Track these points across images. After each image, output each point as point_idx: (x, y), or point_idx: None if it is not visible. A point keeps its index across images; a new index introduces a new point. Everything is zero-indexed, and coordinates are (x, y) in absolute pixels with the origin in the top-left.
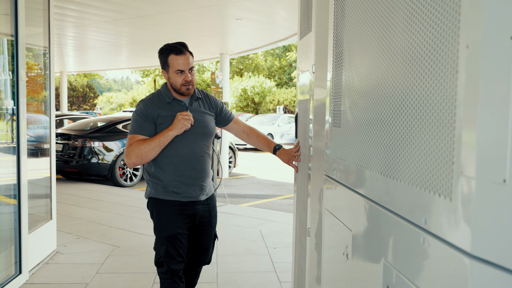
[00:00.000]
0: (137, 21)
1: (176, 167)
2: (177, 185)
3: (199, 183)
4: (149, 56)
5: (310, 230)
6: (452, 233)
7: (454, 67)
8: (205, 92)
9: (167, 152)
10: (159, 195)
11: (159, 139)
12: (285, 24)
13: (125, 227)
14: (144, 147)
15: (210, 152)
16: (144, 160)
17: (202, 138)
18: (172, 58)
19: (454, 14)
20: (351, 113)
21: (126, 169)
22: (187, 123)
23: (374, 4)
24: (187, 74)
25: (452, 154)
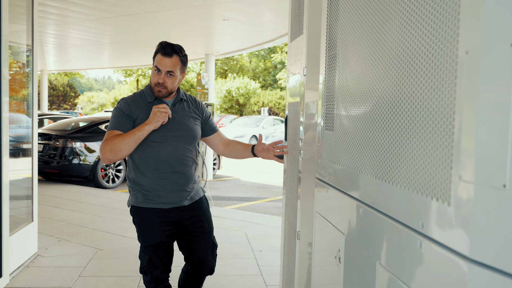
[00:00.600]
0: (123, 20)
1: (156, 170)
2: (157, 189)
3: (180, 187)
4: (133, 56)
5: (300, 233)
6: (451, 237)
7: (453, 72)
8: (193, 97)
9: (147, 154)
10: (139, 203)
11: (134, 133)
12: (272, 26)
13: (108, 230)
14: (118, 141)
15: (194, 156)
16: (119, 155)
17: (185, 141)
18: (158, 56)
19: (453, 20)
20: (344, 116)
21: (109, 170)
22: (163, 115)
23: (369, 8)
24: (163, 76)
25: (451, 159)
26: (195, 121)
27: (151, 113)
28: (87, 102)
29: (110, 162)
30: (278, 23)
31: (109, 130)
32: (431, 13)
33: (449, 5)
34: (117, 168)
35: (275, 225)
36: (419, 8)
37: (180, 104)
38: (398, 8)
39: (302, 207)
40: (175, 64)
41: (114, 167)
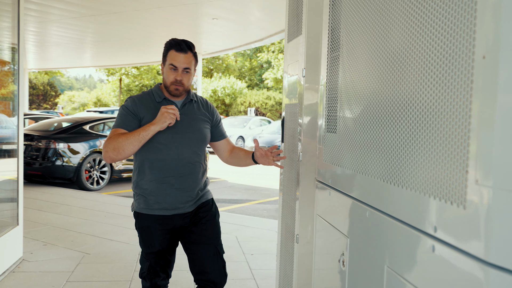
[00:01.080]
0: (108, 18)
1: (159, 172)
2: (159, 193)
3: (185, 193)
4: (116, 55)
5: (298, 236)
6: (466, 241)
7: (469, 76)
8: (204, 98)
9: (151, 156)
10: (141, 209)
11: (139, 133)
12: (261, 24)
13: (95, 233)
14: (122, 140)
15: (202, 161)
16: (121, 155)
17: (193, 144)
18: (171, 53)
19: (469, 24)
20: (349, 118)
21: (93, 172)
22: (171, 116)
23: (376, 10)
24: (180, 73)
25: (466, 163)
26: (204, 124)
27: (158, 113)
28: (67, 102)
29: (112, 161)
30: (267, 22)
31: (114, 128)
32: (445, 17)
33: (464, 9)
34: (101, 169)
35: (266, 228)
36: (431, 11)
37: (190, 105)
38: (408, 10)
39: (301, 209)
40: (191, 60)
41: (99, 169)
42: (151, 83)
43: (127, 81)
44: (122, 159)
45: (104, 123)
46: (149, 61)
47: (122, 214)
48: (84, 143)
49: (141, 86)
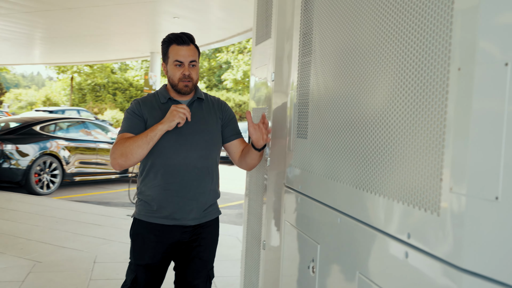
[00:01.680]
0: (63, 14)
1: (162, 177)
2: (161, 200)
3: (189, 202)
4: (68, 51)
5: (265, 243)
6: (440, 247)
7: (444, 87)
8: (214, 97)
9: (155, 159)
10: (141, 216)
11: (146, 134)
12: (223, 25)
13: (46, 240)
14: (129, 144)
15: (212, 167)
16: (130, 160)
17: (200, 147)
18: (173, 48)
19: (444, 36)
20: (320, 124)
21: (43, 175)
22: (180, 115)
23: (352, 19)
24: (187, 67)
25: (441, 171)
26: (214, 125)
27: (168, 112)
28: (14, 100)
29: (121, 168)
30: (230, 22)
31: (120, 133)
32: (421, 28)
33: (440, 22)
34: (52, 172)
35: (226, 234)
36: (407, 21)
37: (198, 104)
38: (383, 19)
39: (269, 215)
40: (195, 53)
41: (50, 172)
42: (104, 82)
43: (78, 79)
44: (132, 164)
45: (56, 124)
46: (103, 59)
47: (75, 219)
48: (34, 144)
49: (94, 84)
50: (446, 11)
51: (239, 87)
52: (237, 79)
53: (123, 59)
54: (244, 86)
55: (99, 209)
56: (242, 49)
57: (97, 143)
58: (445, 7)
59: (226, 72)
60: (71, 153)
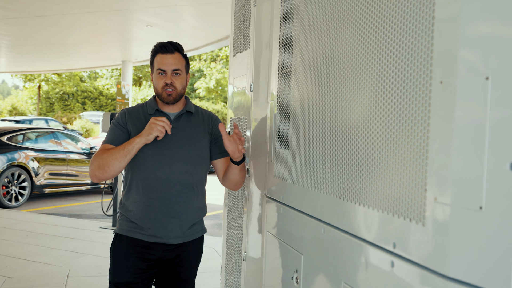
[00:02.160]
0: (32, 21)
1: (144, 193)
2: (143, 216)
3: (171, 219)
4: (36, 60)
5: (246, 254)
6: (426, 256)
7: (427, 100)
8: (205, 110)
9: (137, 173)
10: (122, 231)
11: (124, 147)
12: (196, 33)
13: (17, 255)
14: (107, 156)
15: (197, 183)
16: (107, 173)
17: (185, 162)
18: (158, 57)
19: (426, 50)
20: (302, 135)
21: (11, 187)
22: (159, 128)
23: (332, 30)
24: (169, 76)
25: (425, 181)
26: (202, 139)
27: (146, 125)
28: None
29: (99, 180)
30: (203, 30)
31: (103, 143)
32: (401, 38)
33: (421, 35)
34: (20, 184)
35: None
36: (387, 34)
37: (187, 118)
38: (364, 32)
39: (250, 226)
40: (180, 61)
41: (18, 184)
42: (73, 90)
43: (46, 88)
44: (109, 177)
45: (24, 134)
46: (73, 67)
47: (46, 233)
48: (1, 156)
49: (62, 93)
50: (427, 19)
51: (212, 95)
52: (210, 88)
53: (93, 68)
54: (217, 94)
55: (71, 222)
56: (215, 57)
57: (67, 154)
58: (427, 15)
59: (198, 80)
60: (41, 164)
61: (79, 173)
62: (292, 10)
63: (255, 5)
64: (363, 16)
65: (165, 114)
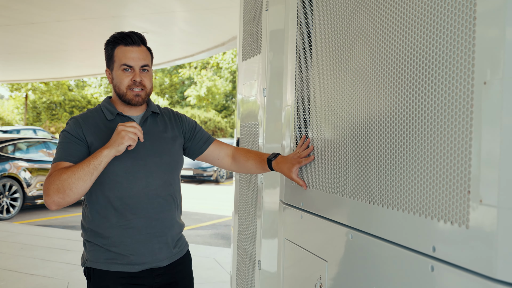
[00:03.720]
0: (24, 29)
1: (121, 214)
2: (124, 242)
3: (157, 239)
4: (24, 69)
5: (260, 262)
6: (470, 259)
7: (468, 101)
8: (169, 109)
9: (108, 192)
10: (99, 265)
11: (89, 163)
12: (191, 39)
13: (12, 268)
14: (67, 176)
15: (176, 193)
16: (69, 197)
17: (162, 171)
18: (120, 50)
19: (467, 51)
20: (324, 140)
21: (2, 199)
22: (130, 135)
23: (358, 31)
24: (137, 72)
25: (468, 183)
26: (174, 142)
27: (114, 132)
28: None
29: (58, 207)
30: (199, 37)
31: (54, 162)
32: (437, 33)
33: (462, 37)
34: (12, 196)
35: (202, 255)
36: (419, 32)
37: (153, 120)
38: (393, 32)
39: (263, 234)
40: (147, 56)
41: (9, 195)
42: (60, 99)
43: (33, 97)
44: (71, 201)
45: (15, 145)
46: (62, 76)
47: (40, 245)
48: None
49: (49, 103)
50: (468, 13)
51: (203, 103)
52: (201, 96)
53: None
54: (208, 102)
55: (66, 233)
56: (205, 64)
57: None
58: (467, 9)
59: (189, 88)
60: (32, 175)
61: None
62: (311, 13)
63: (267, 9)
64: (395, 14)
65: (128, 118)
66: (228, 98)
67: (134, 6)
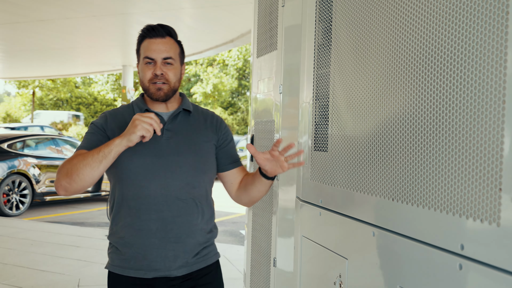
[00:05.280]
0: (33, 26)
1: (135, 214)
2: (135, 243)
3: (171, 245)
4: (32, 65)
5: (276, 259)
6: (501, 257)
7: (500, 97)
8: (207, 110)
9: (126, 190)
10: (114, 268)
11: (99, 150)
12: (199, 36)
13: (24, 264)
14: (77, 161)
15: (201, 198)
16: (76, 182)
17: (185, 172)
18: (145, 43)
19: (499, 40)
20: (345, 136)
21: (12, 195)
22: (145, 125)
23: (381, 25)
24: (159, 65)
25: (499, 180)
26: (206, 145)
27: (129, 122)
28: None
29: (67, 192)
30: (207, 33)
31: (76, 150)
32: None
33: (494, 31)
34: (21, 192)
35: None
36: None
37: (184, 118)
38: (417, 24)
39: (279, 231)
40: (172, 48)
41: (19, 192)
42: (67, 96)
43: (40, 94)
44: (79, 189)
45: (24, 141)
46: (70, 73)
47: (50, 241)
48: (1, 163)
49: (56, 99)
50: (501, 8)
51: (209, 100)
52: (207, 93)
53: (92, 73)
54: (215, 99)
55: (75, 230)
56: (211, 61)
57: None
58: (500, 4)
59: (195, 85)
60: (42, 171)
61: None
62: (331, 9)
63: (284, 5)
64: (420, 7)
65: (156, 115)
66: (234, 95)
67: (142, 3)
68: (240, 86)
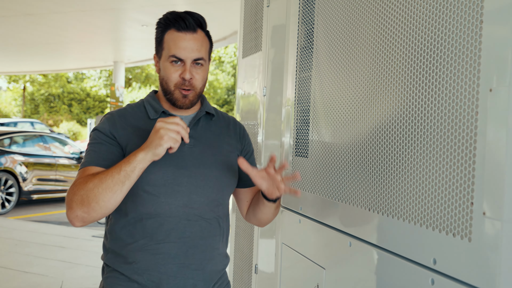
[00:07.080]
0: (21, 20)
1: (151, 235)
2: (149, 270)
3: (191, 273)
4: (22, 60)
5: (257, 267)
6: (472, 273)
7: (473, 108)
8: (231, 116)
9: (140, 207)
10: None
11: (119, 168)
12: None
13: (6, 265)
14: (93, 185)
15: (223, 218)
16: (96, 211)
17: (210, 188)
18: (171, 36)
19: (473, 57)
20: (325, 143)
21: None
22: (172, 135)
23: (359, 31)
24: (188, 68)
25: (471, 194)
26: (229, 153)
27: (152, 130)
28: None
29: (84, 223)
30: None
31: (82, 167)
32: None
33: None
34: (7, 190)
35: None
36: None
37: (207, 123)
38: (397, 32)
39: (261, 237)
40: (203, 45)
41: (5, 189)
42: (59, 91)
43: (31, 89)
44: (99, 217)
45: (11, 138)
46: (58, 68)
47: (35, 242)
48: None
49: (48, 95)
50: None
51: None
52: None
53: (83, 68)
54: (210, 96)
55: (62, 230)
56: None
57: (56, 158)
58: (473, 11)
59: None
60: (29, 169)
61: (68, 179)
62: (313, 10)
63: (269, 5)
64: (398, 13)
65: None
66: (230, 92)
67: None
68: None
